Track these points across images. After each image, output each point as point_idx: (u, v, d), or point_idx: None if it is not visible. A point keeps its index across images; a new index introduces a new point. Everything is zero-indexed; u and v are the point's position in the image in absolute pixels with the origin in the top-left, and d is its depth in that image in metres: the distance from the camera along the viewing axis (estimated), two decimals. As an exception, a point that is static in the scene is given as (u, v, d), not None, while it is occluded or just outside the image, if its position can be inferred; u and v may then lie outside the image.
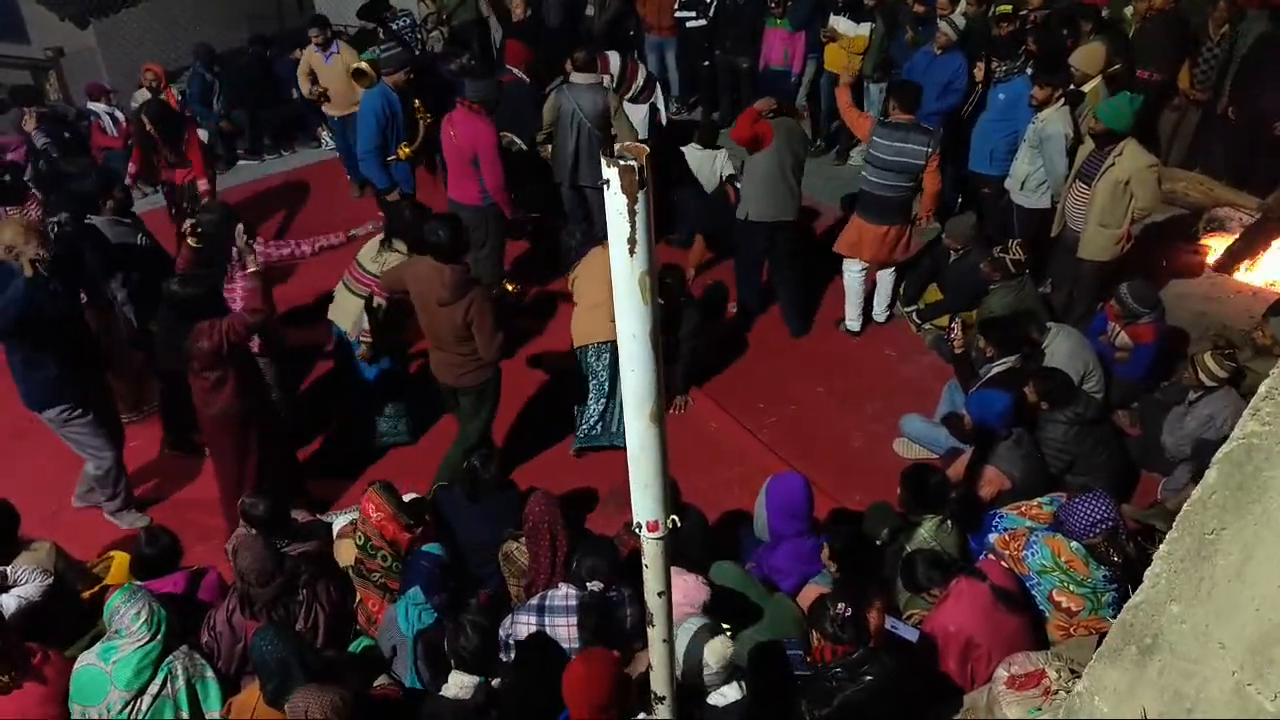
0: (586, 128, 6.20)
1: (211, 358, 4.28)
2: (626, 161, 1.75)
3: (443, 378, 4.91)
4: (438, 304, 4.56)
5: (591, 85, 6.26)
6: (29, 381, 4.54)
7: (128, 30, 10.02)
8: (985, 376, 5.10)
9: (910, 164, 5.76)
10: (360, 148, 6.31)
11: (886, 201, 5.92)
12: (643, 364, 1.99)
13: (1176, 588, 1.16)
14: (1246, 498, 1.04)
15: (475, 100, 5.83)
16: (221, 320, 4.26)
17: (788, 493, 4.01)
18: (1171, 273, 6.41)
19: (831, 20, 7.87)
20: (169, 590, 3.75)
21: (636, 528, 2.29)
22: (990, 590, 3.65)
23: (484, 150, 5.82)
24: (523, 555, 4.04)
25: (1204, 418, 4.90)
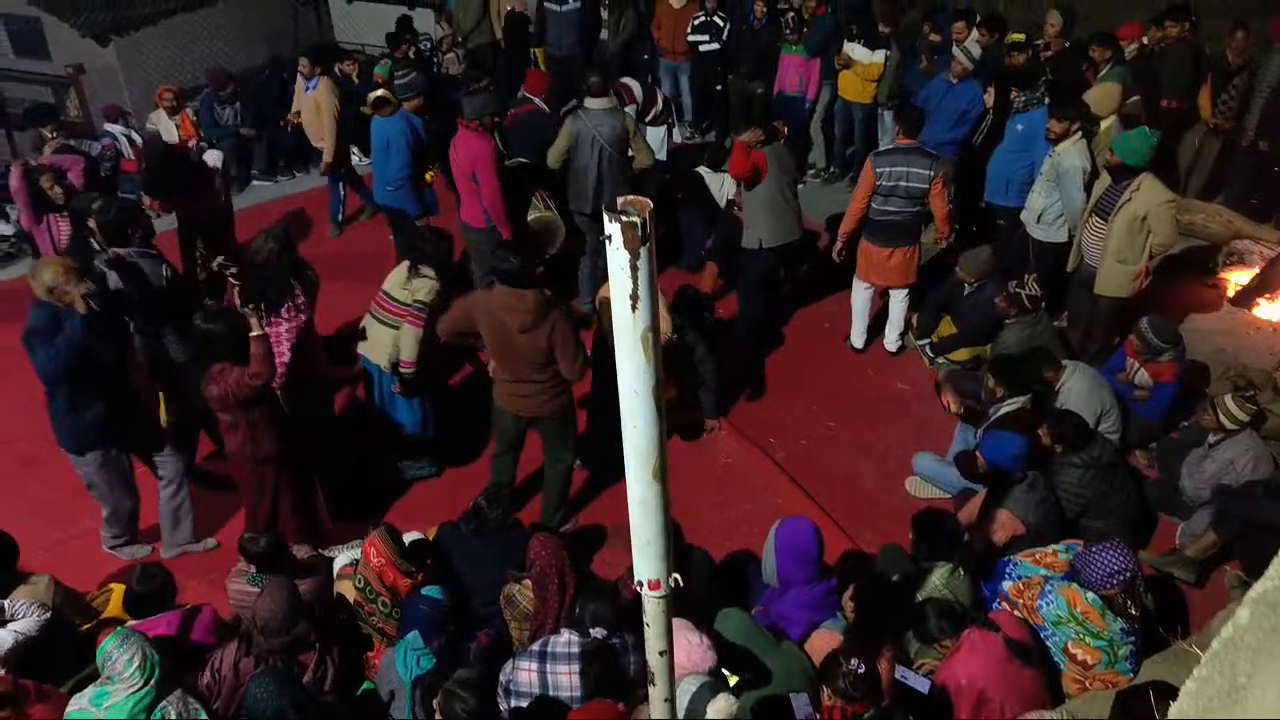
0: (608, 153, 6.18)
1: (220, 403, 4.26)
2: (629, 217, 1.70)
3: (520, 410, 4.76)
4: (519, 331, 4.43)
5: (608, 110, 6.24)
6: (73, 424, 4.45)
7: (148, 48, 10.07)
8: (994, 416, 5.02)
9: (914, 188, 5.80)
10: (393, 175, 6.28)
11: (891, 225, 5.95)
12: (645, 420, 1.95)
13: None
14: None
15: (473, 118, 5.83)
16: (230, 372, 4.20)
17: (797, 538, 3.93)
18: (1190, 308, 6.32)
19: (846, 47, 7.83)
20: (162, 630, 3.69)
21: (638, 585, 2.23)
22: (1004, 642, 3.57)
23: (481, 168, 5.81)
24: (525, 598, 3.98)
25: (1224, 461, 4.81)
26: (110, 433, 4.54)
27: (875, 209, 5.95)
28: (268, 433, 4.37)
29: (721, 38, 8.59)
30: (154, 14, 10.15)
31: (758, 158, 5.88)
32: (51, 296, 4.23)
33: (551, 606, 3.85)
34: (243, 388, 4.20)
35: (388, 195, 6.47)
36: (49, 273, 4.24)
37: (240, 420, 4.30)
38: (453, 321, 4.77)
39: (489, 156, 5.82)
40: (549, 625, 3.83)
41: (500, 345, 4.57)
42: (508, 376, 4.68)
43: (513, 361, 4.59)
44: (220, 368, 4.21)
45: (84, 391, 4.38)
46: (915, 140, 5.89)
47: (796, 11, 8.05)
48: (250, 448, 4.37)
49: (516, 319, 4.41)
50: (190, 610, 3.89)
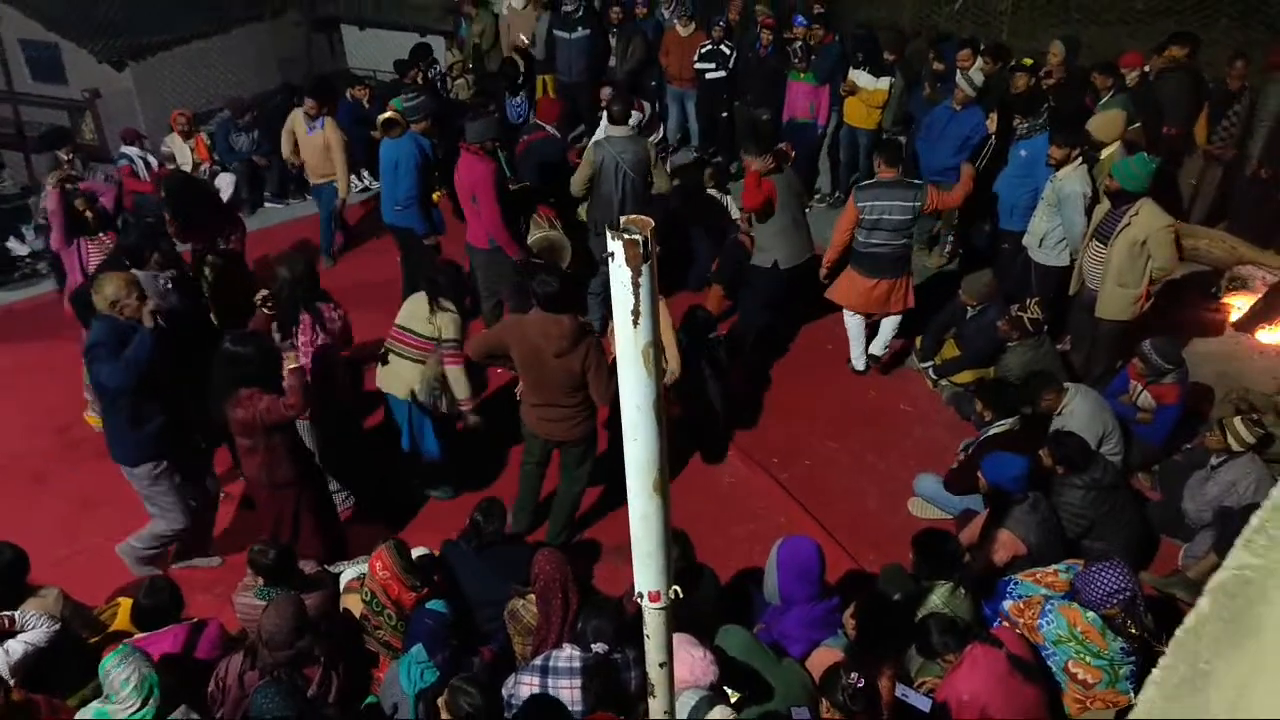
0: (631, 178, 6.29)
1: (244, 427, 4.30)
2: (631, 235, 1.77)
3: (550, 434, 4.82)
4: (554, 356, 4.49)
5: (629, 136, 6.39)
6: (132, 436, 4.48)
7: (163, 73, 10.26)
8: (982, 437, 5.07)
9: (899, 220, 5.87)
10: (401, 195, 6.39)
11: (876, 258, 6.02)
12: (645, 434, 1.99)
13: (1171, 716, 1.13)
14: (1240, 632, 1.01)
15: (474, 142, 5.93)
16: (261, 399, 4.23)
17: (799, 557, 3.96)
18: (1192, 332, 6.34)
19: (851, 74, 7.93)
20: (168, 644, 3.73)
21: (639, 597, 2.27)
22: (1006, 658, 3.59)
23: (481, 190, 5.91)
24: (529, 613, 4.01)
25: (1226, 484, 4.82)
26: (164, 445, 4.58)
27: (861, 241, 6.01)
28: (285, 459, 4.41)
29: (728, 66, 8.71)
30: (170, 40, 10.34)
31: (769, 188, 5.96)
32: (113, 310, 4.31)
33: (554, 621, 3.88)
34: (272, 415, 4.23)
35: (396, 215, 6.57)
36: (111, 287, 4.32)
37: (260, 445, 4.34)
38: (485, 344, 4.85)
39: (489, 179, 5.92)
40: (551, 640, 3.86)
41: (533, 369, 4.61)
42: (537, 400, 4.73)
43: (544, 385, 4.64)
44: (249, 393, 4.23)
45: (147, 405, 4.43)
46: (896, 172, 5.94)
47: (804, 40, 8.17)
48: (266, 473, 4.41)
49: (552, 344, 4.46)
50: (197, 624, 3.93)
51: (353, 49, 12.02)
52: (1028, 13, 9.91)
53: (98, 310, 4.35)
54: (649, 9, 9.73)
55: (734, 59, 8.70)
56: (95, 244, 5.83)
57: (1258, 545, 0.99)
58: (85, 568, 5.02)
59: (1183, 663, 1.07)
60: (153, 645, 3.73)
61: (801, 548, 4.01)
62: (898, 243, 5.95)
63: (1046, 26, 9.46)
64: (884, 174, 5.95)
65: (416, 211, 6.45)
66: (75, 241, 5.81)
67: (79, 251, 5.81)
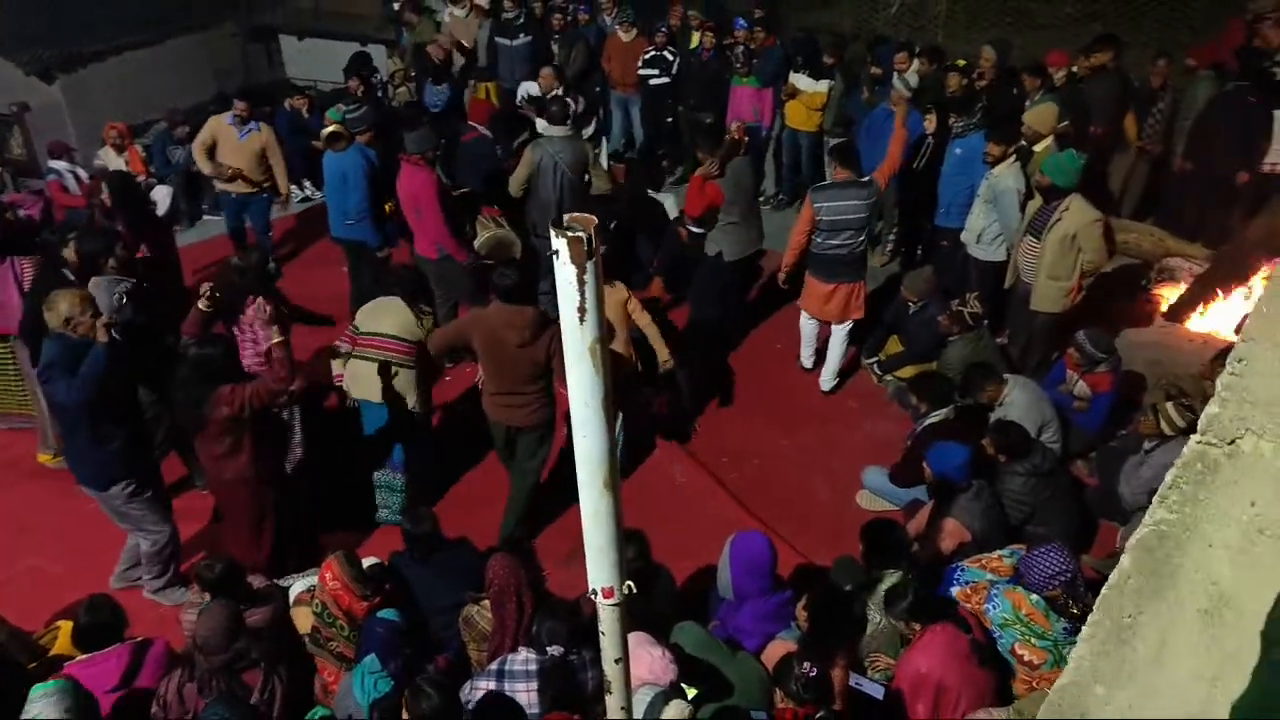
0: (569, 178, 6.36)
1: (229, 424, 4.24)
2: (575, 233, 1.79)
3: (510, 420, 4.93)
4: (517, 346, 4.60)
5: (567, 136, 6.42)
6: (95, 458, 4.39)
7: (94, 86, 10.03)
8: (919, 428, 5.21)
9: (855, 219, 5.88)
10: (353, 208, 6.31)
11: (837, 260, 6.01)
12: (595, 430, 2.01)
13: (1100, 670, 1.17)
14: (1160, 584, 1.06)
15: (414, 152, 5.93)
16: (244, 386, 4.21)
17: (751, 552, 4.00)
18: (1124, 322, 6.53)
19: (792, 77, 8.05)
20: (112, 663, 3.62)
21: (592, 594, 2.28)
22: (969, 642, 3.66)
23: (424, 200, 5.91)
24: (483, 619, 3.98)
25: (1159, 467, 4.96)
26: (131, 466, 4.50)
27: (819, 244, 5.98)
28: (269, 453, 4.42)
29: (671, 71, 8.78)
30: (101, 51, 10.12)
31: (712, 193, 6.01)
32: (67, 328, 4.20)
33: (509, 625, 3.86)
34: (263, 393, 4.21)
35: (347, 229, 6.47)
36: (65, 304, 4.21)
37: (244, 440, 4.29)
38: (445, 339, 4.94)
39: (431, 188, 5.93)
40: (508, 644, 3.84)
41: (495, 359, 4.73)
42: (497, 389, 4.85)
43: (506, 375, 4.77)
44: (230, 389, 4.20)
45: (106, 423, 4.33)
46: (851, 173, 5.92)
47: (745, 45, 8.27)
48: (254, 468, 4.37)
49: (515, 334, 4.59)
50: (141, 643, 3.82)
51: (291, 59, 11.87)
52: (962, 17, 10.18)
53: (50, 329, 4.24)
54: (591, 15, 9.78)
55: (677, 64, 8.77)
56: (29, 262, 5.53)
57: (1171, 501, 1.04)
58: (22, 592, 4.87)
59: (1109, 618, 1.12)
60: (96, 666, 3.63)
61: (752, 543, 4.06)
62: (856, 242, 5.96)
63: (979, 30, 9.72)
64: (839, 175, 5.94)
65: (369, 224, 6.38)
66: (6, 259, 5.53)
67: (13, 269, 5.51)
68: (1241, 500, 1.00)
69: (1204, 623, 1.00)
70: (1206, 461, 1.02)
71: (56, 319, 4.20)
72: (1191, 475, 1.02)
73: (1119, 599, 1.12)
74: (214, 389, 4.21)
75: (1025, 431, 4.88)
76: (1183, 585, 1.03)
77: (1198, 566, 1.01)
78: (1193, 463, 1.03)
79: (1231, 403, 0.99)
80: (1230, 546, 1.00)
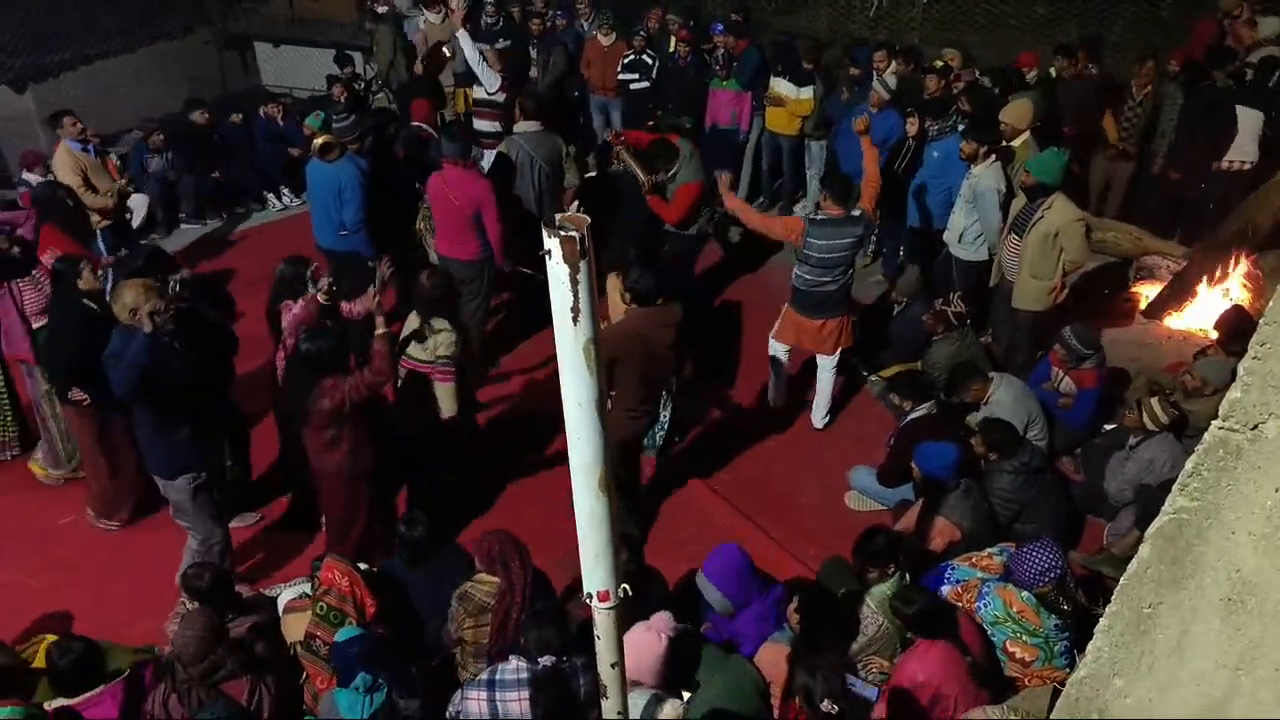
0: (546, 171, 6.42)
1: (331, 416, 4.29)
2: (568, 232, 1.77)
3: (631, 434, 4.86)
4: (669, 347, 4.64)
5: (540, 131, 6.49)
6: (159, 446, 4.43)
7: (67, 95, 9.86)
8: (903, 424, 5.27)
9: (843, 255, 5.56)
10: (350, 219, 6.22)
11: (820, 296, 5.69)
12: (589, 432, 1.99)
13: (1119, 661, 1.16)
14: (1181, 572, 1.05)
15: (459, 158, 5.91)
16: (345, 380, 4.28)
17: (730, 563, 3.98)
18: (1106, 319, 6.58)
19: (773, 83, 8.06)
20: (107, 703, 3.47)
21: (587, 598, 2.25)
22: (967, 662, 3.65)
23: (485, 204, 5.89)
24: (480, 590, 3.91)
25: (1144, 462, 5.01)
26: (196, 457, 4.52)
27: (806, 279, 5.65)
28: (367, 445, 4.47)
29: (651, 76, 8.76)
30: (73, 59, 9.98)
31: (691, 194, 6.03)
32: (133, 319, 4.19)
33: (518, 584, 3.86)
34: (364, 386, 4.27)
35: (340, 240, 6.34)
36: (130, 294, 4.20)
37: (344, 433, 4.35)
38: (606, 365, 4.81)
39: (490, 192, 5.94)
40: (519, 602, 3.83)
41: (644, 367, 4.63)
42: (639, 400, 4.72)
43: (650, 381, 4.72)
44: (332, 381, 4.27)
45: (167, 413, 4.36)
46: (843, 209, 5.52)
47: (724, 48, 8.27)
48: (352, 461, 4.42)
49: (668, 334, 4.63)
50: (131, 676, 3.65)
51: (266, 66, 11.77)
52: (937, 18, 10.25)
53: (118, 320, 4.26)
54: (569, 20, 9.76)
55: (656, 69, 8.76)
56: (30, 285, 5.28)
57: (1192, 489, 1.03)
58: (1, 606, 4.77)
59: (1127, 608, 1.11)
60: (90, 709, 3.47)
61: (728, 555, 4.02)
62: (844, 278, 5.65)
63: (955, 31, 9.79)
64: (831, 210, 5.52)
65: (364, 235, 6.30)
66: (4, 286, 5.24)
67: (13, 296, 5.23)
68: (1265, 486, 0.99)
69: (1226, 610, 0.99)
70: (1229, 447, 1.01)
71: (123, 310, 4.20)
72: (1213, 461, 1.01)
73: (1138, 589, 1.11)
74: (319, 382, 4.27)
75: (1014, 429, 4.90)
76: (1204, 574, 1.02)
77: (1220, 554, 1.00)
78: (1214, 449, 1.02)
79: (1255, 387, 0.98)
80: (1254, 533, 0.99)
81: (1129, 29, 9.25)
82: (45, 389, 5.30)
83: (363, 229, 6.27)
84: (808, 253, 5.55)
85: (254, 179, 9.18)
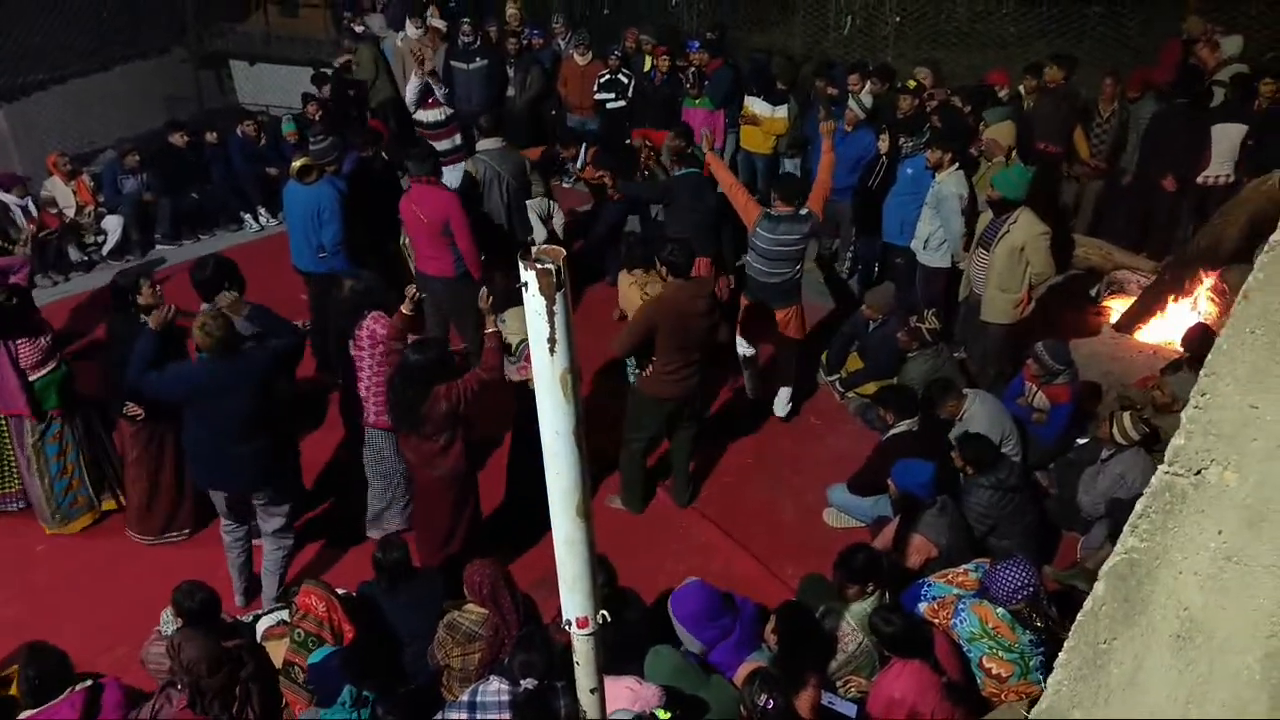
0: (513, 187, 6.60)
1: (447, 420, 4.41)
2: (544, 265, 1.80)
3: (683, 392, 5.25)
4: (703, 315, 5.05)
5: (502, 148, 6.69)
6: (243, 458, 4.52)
7: (41, 114, 9.83)
8: (885, 438, 5.35)
9: (791, 251, 5.79)
10: (330, 240, 6.22)
11: (772, 287, 5.93)
12: (567, 459, 2.02)
13: (1077, 695, 1.20)
14: (1133, 610, 1.09)
15: (423, 174, 6.04)
16: (457, 382, 4.40)
17: (695, 603, 4.01)
18: (1077, 334, 6.68)
19: (747, 102, 8.14)
20: (64, 711, 3.50)
21: (566, 624, 2.28)
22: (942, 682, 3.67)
23: (455, 218, 6.01)
24: (467, 619, 3.95)
25: (1115, 476, 5.08)
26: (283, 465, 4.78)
27: (758, 268, 5.91)
28: (469, 453, 4.61)
29: (627, 94, 8.84)
30: (46, 80, 9.93)
31: None
32: None
33: (511, 618, 3.92)
34: (476, 383, 4.43)
35: (319, 261, 6.32)
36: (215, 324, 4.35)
37: (456, 436, 4.50)
38: (637, 335, 5.13)
39: (459, 205, 6.07)
40: (513, 630, 3.88)
41: (681, 335, 5.06)
42: (676, 365, 5.13)
43: (689, 347, 5.11)
44: (446, 386, 4.40)
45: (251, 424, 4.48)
46: (791, 208, 5.76)
47: (697, 68, 8.36)
48: (464, 464, 4.57)
49: (703, 303, 5.06)
50: (93, 687, 3.67)
51: (242, 84, 11.75)
52: (911, 37, 10.39)
53: None
54: (545, 40, 9.82)
55: (631, 88, 8.83)
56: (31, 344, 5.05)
57: (1142, 530, 1.08)
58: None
59: (1084, 643, 1.15)
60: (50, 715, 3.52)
61: (689, 597, 4.06)
62: (787, 270, 5.85)
63: (926, 50, 9.93)
64: (780, 208, 5.76)
65: (344, 256, 6.32)
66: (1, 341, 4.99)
67: (8, 350, 4.99)
68: (1209, 528, 1.04)
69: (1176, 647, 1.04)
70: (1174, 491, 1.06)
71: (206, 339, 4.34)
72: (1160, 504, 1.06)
73: (1094, 624, 1.15)
74: (428, 391, 4.38)
75: (992, 444, 4.97)
76: (1155, 611, 1.07)
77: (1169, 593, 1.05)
78: (1161, 492, 1.07)
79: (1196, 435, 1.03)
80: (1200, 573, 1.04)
81: (1096, 48, 9.43)
82: (33, 442, 5.21)
83: (342, 250, 6.28)
84: (756, 243, 5.88)
85: (231, 199, 9.14)
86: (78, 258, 8.27)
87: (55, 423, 5.23)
